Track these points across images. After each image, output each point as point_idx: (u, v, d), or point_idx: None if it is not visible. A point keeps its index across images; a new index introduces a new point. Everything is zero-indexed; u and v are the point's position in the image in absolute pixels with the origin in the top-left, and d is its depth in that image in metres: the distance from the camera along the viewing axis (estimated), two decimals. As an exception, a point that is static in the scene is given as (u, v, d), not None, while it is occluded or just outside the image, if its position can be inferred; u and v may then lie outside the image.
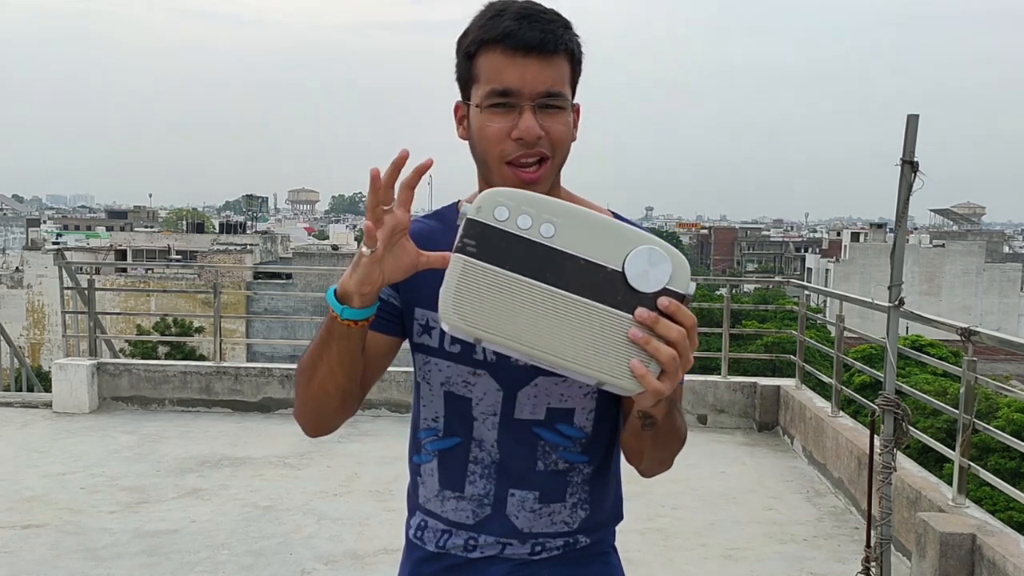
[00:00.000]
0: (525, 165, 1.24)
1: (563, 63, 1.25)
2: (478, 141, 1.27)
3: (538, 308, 1.07)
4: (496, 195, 1.09)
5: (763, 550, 4.46)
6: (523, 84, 1.22)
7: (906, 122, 2.96)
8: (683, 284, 1.07)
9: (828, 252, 67.22)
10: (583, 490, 1.36)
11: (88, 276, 8.31)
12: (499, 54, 1.23)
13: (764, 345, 21.42)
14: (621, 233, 1.08)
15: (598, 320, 1.06)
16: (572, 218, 1.08)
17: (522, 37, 1.21)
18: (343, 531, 4.58)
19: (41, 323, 38.55)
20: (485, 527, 1.34)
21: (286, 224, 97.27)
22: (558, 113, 1.25)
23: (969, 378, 3.98)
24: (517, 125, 1.23)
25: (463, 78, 1.29)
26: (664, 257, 1.07)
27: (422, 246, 1.29)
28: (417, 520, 1.42)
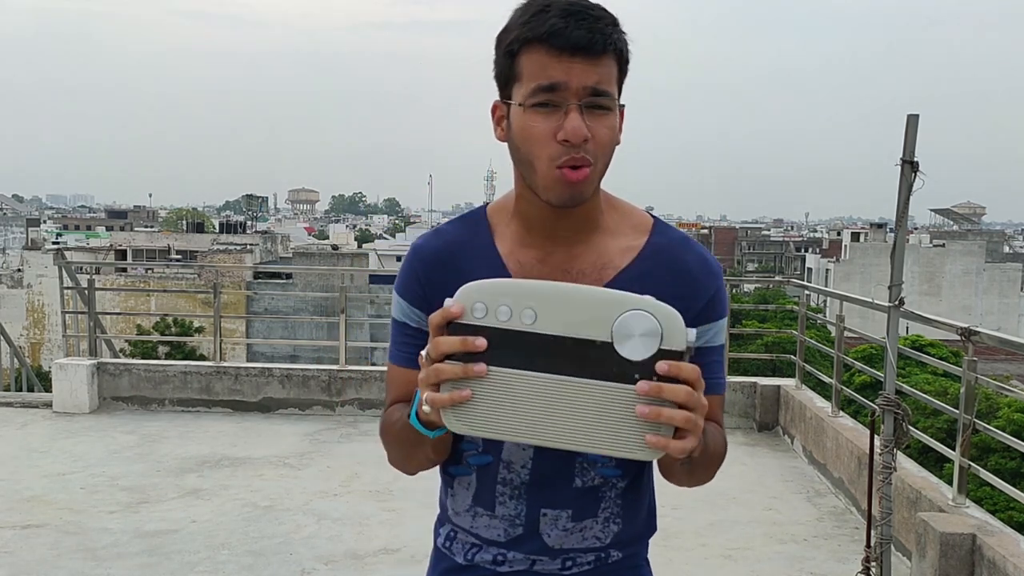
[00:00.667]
0: (573, 168, 1.18)
1: (611, 63, 1.18)
2: (521, 142, 1.20)
3: (537, 397, 1.05)
4: (470, 293, 1.06)
5: (763, 550, 4.46)
6: (569, 80, 1.15)
7: (906, 122, 2.96)
8: (678, 340, 1.03)
9: (828, 252, 67.24)
10: (616, 504, 1.32)
11: (88, 276, 8.32)
12: (544, 52, 1.16)
13: (764, 345, 21.44)
14: (603, 302, 1.04)
15: (600, 397, 1.04)
16: (551, 298, 1.05)
17: (569, 36, 1.15)
18: (343, 531, 4.58)
19: (41, 323, 38.54)
20: (516, 545, 1.32)
21: (286, 224, 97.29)
22: (604, 115, 1.18)
23: (969, 378, 3.98)
24: (563, 126, 1.16)
25: (503, 76, 1.22)
26: (649, 319, 1.02)
27: (448, 262, 1.29)
28: (447, 530, 1.39)
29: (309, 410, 7.17)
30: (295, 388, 7.22)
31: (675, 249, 1.29)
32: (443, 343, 1.05)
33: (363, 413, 7.11)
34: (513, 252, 1.28)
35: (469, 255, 1.29)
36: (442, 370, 1.05)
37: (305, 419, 6.99)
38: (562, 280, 1.24)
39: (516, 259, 1.28)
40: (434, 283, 1.28)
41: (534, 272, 1.27)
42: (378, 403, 7.10)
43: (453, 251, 1.30)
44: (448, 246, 1.31)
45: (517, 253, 1.28)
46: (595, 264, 1.27)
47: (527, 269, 1.27)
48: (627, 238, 1.29)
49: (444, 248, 1.31)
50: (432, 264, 1.30)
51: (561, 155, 1.17)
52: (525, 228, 1.28)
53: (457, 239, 1.31)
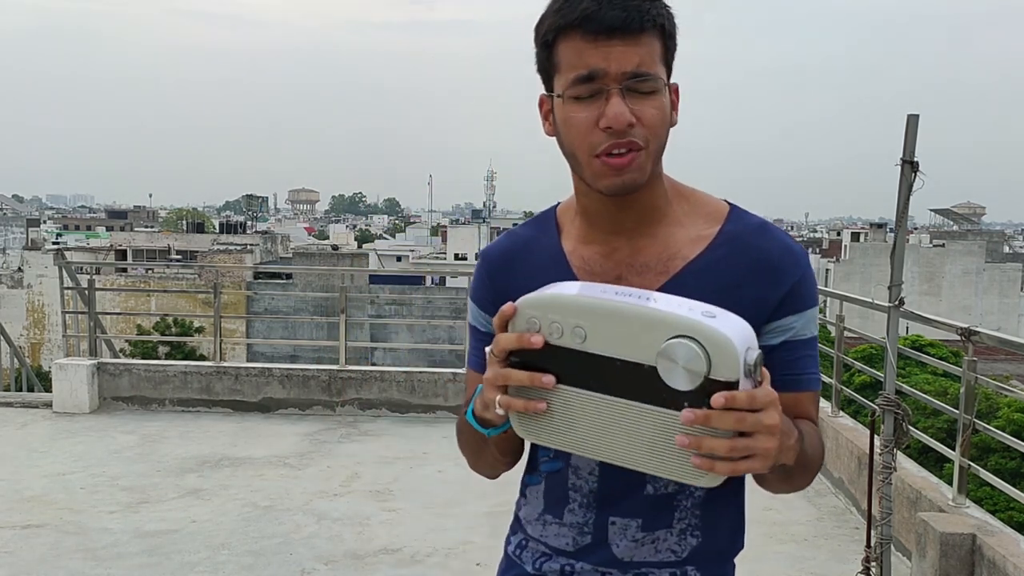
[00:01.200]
0: (616, 155, 1.12)
1: (653, 40, 1.12)
2: (565, 135, 1.16)
3: (592, 415, 1.04)
4: (524, 309, 1.05)
5: (763, 550, 4.46)
6: (608, 64, 1.09)
7: (906, 122, 2.96)
8: (729, 369, 0.95)
9: (828, 252, 67.22)
10: (694, 515, 1.25)
11: (88, 276, 8.31)
12: (579, 39, 1.11)
13: (764, 345, 21.40)
14: (651, 324, 0.99)
15: (650, 421, 1.01)
16: (601, 317, 1.02)
17: (603, 18, 1.09)
18: (343, 531, 4.58)
19: (41, 323, 38.54)
20: (584, 555, 1.28)
21: (286, 224, 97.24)
22: (651, 97, 1.12)
23: (969, 378, 3.98)
24: (604, 112, 1.10)
25: (544, 69, 1.18)
26: (693, 349, 0.96)
27: (514, 263, 1.28)
28: (519, 538, 1.37)
29: (309, 410, 7.17)
30: (295, 388, 7.23)
31: (752, 236, 1.21)
32: (503, 339, 1.05)
33: (363, 413, 7.11)
34: (576, 249, 1.25)
35: (536, 254, 1.28)
36: (509, 375, 1.05)
37: (305, 419, 6.99)
38: (627, 275, 1.21)
39: (579, 255, 1.25)
40: (500, 283, 1.28)
41: (597, 268, 1.23)
42: (378, 403, 7.13)
43: (520, 252, 1.29)
44: (515, 247, 1.30)
45: (580, 249, 1.25)
46: (661, 256, 1.21)
47: (590, 265, 1.24)
48: (698, 227, 1.23)
49: (511, 249, 1.30)
50: (499, 266, 1.29)
51: (602, 143, 1.12)
52: (588, 223, 1.25)
53: (525, 240, 1.30)
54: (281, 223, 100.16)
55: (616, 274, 1.22)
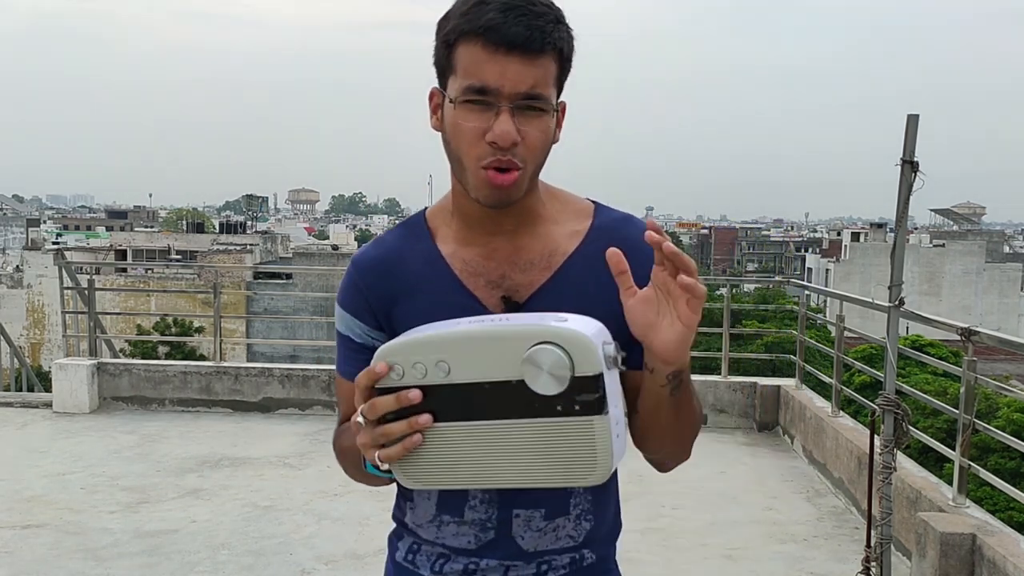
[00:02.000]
0: (500, 169, 1.15)
1: (550, 62, 1.14)
2: (452, 137, 1.18)
3: (474, 445, 1.06)
4: (385, 357, 1.07)
5: (763, 550, 4.46)
6: (503, 83, 1.12)
7: (906, 122, 2.96)
8: (591, 364, 1.00)
9: (828, 252, 67.24)
10: (586, 500, 1.29)
11: (88, 276, 8.31)
12: (479, 48, 1.12)
13: (764, 345, 21.43)
14: (509, 339, 1.03)
15: (531, 434, 1.04)
16: (460, 345, 1.04)
17: (505, 32, 1.10)
18: (343, 531, 4.58)
19: (41, 323, 38.54)
20: (488, 551, 1.27)
21: (286, 224, 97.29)
22: (538, 116, 1.15)
23: (969, 378, 3.98)
24: (492, 127, 1.13)
25: (440, 66, 1.19)
26: (553, 352, 1.00)
27: (390, 270, 1.27)
28: (408, 543, 1.35)
29: (309, 410, 7.17)
30: (295, 388, 7.23)
31: (620, 227, 1.28)
32: (379, 403, 1.06)
33: (363, 413, 7.11)
34: (456, 252, 1.26)
35: (411, 260, 1.27)
36: (389, 431, 1.06)
37: (305, 419, 6.99)
38: (511, 273, 1.24)
39: (460, 258, 1.26)
40: (376, 293, 1.27)
41: (480, 268, 1.25)
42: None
43: (393, 259, 1.28)
44: (388, 254, 1.29)
45: (460, 252, 1.26)
46: (543, 252, 1.25)
47: (472, 266, 1.25)
48: (571, 224, 1.28)
49: (384, 256, 1.29)
50: (373, 274, 1.28)
51: (487, 156, 1.14)
52: (466, 226, 1.26)
53: (397, 246, 1.29)
54: (281, 223, 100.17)
55: (500, 273, 1.24)
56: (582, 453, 1.03)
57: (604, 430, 1.02)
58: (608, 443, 1.03)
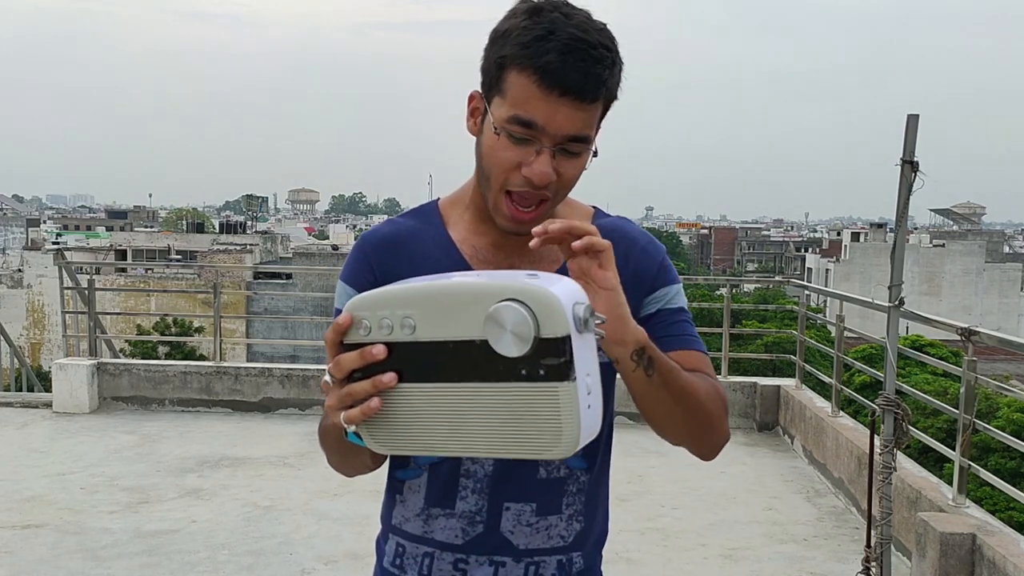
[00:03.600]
0: (525, 204, 1.17)
1: (598, 107, 1.15)
2: (487, 156, 1.19)
3: (439, 408, 0.98)
4: (353, 310, 1.00)
5: (763, 550, 4.46)
6: (549, 123, 1.12)
7: (906, 122, 2.96)
8: (558, 325, 0.91)
9: (828, 252, 67.22)
10: (579, 500, 1.28)
11: (88, 276, 8.31)
12: (533, 83, 1.11)
13: (764, 345, 21.42)
14: (474, 295, 0.94)
15: (494, 399, 0.96)
16: (427, 301, 0.97)
17: (563, 77, 1.10)
18: (343, 531, 4.58)
19: (41, 323, 38.54)
20: (476, 547, 1.26)
21: (286, 224, 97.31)
22: (575, 159, 1.16)
23: (969, 378, 3.98)
24: (531, 165, 1.14)
25: (488, 78, 1.18)
26: (517, 310, 0.92)
27: (399, 248, 1.27)
28: (392, 546, 1.32)
29: (309, 410, 7.17)
30: (295, 388, 7.22)
31: (619, 227, 1.32)
32: (344, 360, 0.99)
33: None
34: (467, 238, 1.27)
35: (421, 242, 1.28)
36: (353, 390, 1.00)
37: (305, 419, 6.99)
38: (519, 263, 1.25)
39: (470, 244, 1.27)
40: (385, 268, 1.25)
41: (490, 256, 1.26)
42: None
43: (404, 238, 1.28)
44: (399, 233, 1.29)
45: (471, 239, 1.27)
46: (550, 248, 1.24)
47: (482, 254, 1.27)
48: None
49: (395, 234, 1.29)
50: (383, 250, 1.28)
51: (517, 185, 1.16)
52: (479, 218, 1.27)
53: (409, 228, 1.30)
54: (281, 223, 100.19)
55: (509, 263, 1.26)
56: (547, 423, 0.94)
57: (570, 398, 0.93)
58: (575, 413, 0.93)
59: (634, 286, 1.23)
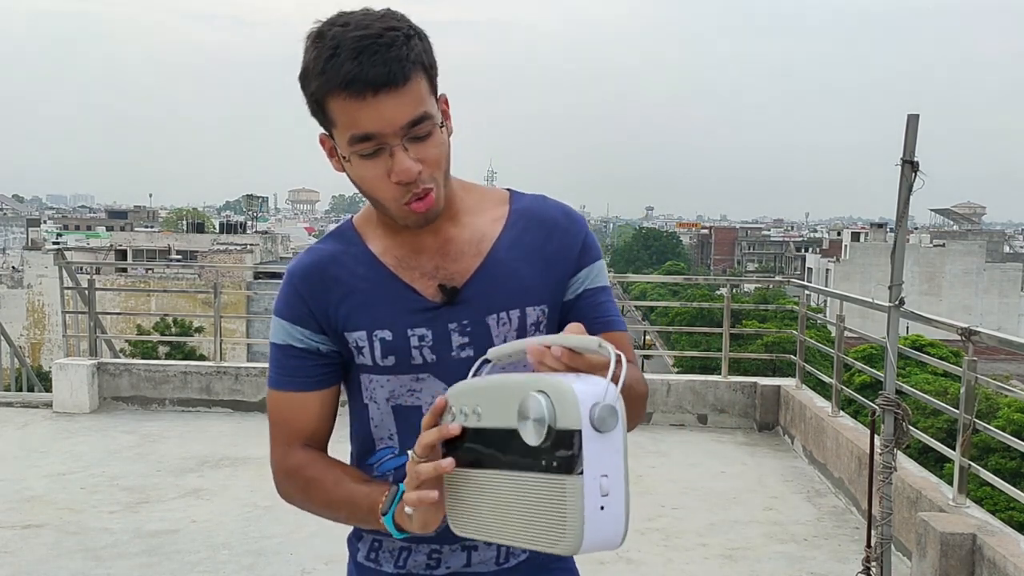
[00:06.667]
0: (416, 199, 1.20)
1: (418, 82, 1.15)
2: (361, 185, 1.22)
3: (487, 494, 1.05)
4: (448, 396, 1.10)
5: (763, 550, 4.46)
6: (383, 125, 1.14)
7: (906, 122, 2.96)
8: (572, 419, 0.94)
9: (828, 252, 67.22)
10: None
11: (88, 276, 8.31)
12: (348, 100, 1.13)
13: (764, 345, 21.42)
14: (520, 387, 0.99)
15: (519, 488, 1.00)
16: (493, 392, 1.04)
17: (366, 78, 1.11)
18: (343, 531, 4.56)
19: (41, 323, 38.55)
20: (449, 535, 1.25)
21: (286, 224, 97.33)
22: (429, 138, 1.17)
23: (969, 378, 3.98)
24: (393, 168, 1.16)
25: (318, 118, 1.21)
26: (539, 402, 0.96)
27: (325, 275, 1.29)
28: (368, 542, 1.37)
29: (309, 410, 7.16)
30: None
31: (536, 206, 1.34)
32: (424, 436, 1.07)
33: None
34: (388, 250, 1.30)
35: (345, 263, 1.30)
36: (419, 470, 1.06)
37: (305, 419, 6.98)
38: (444, 263, 1.27)
39: (392, 255, 1.29)
40: (316, 298, 1.28)
41: (412, 263, 1.28)
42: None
43: (327, 263, 1.30)
44: (322, 260, 1.30)
45: (391, 250, 1.29)
46: (471, 240, 1.29)
47: (404, 261, 1.29)
48: (490, 212, 1.32)
49: (318, 262, 1.31)
50: (310, 279, 1.29)
51: (403, 195, 1.19)
52: (393, 229, 1.29)
53: (330, 251, 1.32)
54: (281, 223, 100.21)
55: (433, 264, 1.28)
56: (554, 516, 0.96)
57: (575, 493, 0.94)
58: (578, 510, 0.94)
59: (558, 265, 1.30)
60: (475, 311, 1.27)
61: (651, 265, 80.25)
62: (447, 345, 1.27)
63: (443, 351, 1.27)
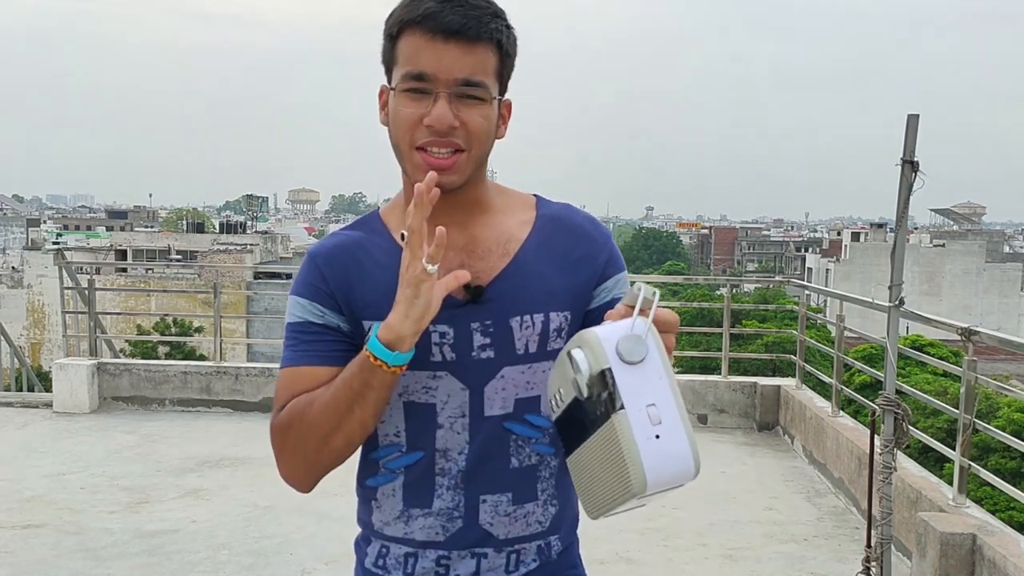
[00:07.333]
0: (437, 153, 1.19)
1: (488, 52, 1.18)
2: (392, 126, 1.22)
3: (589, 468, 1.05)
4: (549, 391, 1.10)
5: (763, 550, 4.46)
6: (439, 69, 1.16)
7: (906, 122, 2.96)
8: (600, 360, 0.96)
9: (828, 252, 67.22)
10: (551, 485, 1.31)
11: (88, 276, 8.31)
12: (418, 36, 1.17)
13: (764, 345, 21.41)
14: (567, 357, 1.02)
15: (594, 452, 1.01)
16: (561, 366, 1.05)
17: (442, 20, 1.15)
18: (344, 531, 4.57)
19: (41, 323, 38.53)
20: (457, 541, 1.27)
21: (286, 224, 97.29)
22: (477, 104, 1.18)
23: (969, 378, 3.98)
24: (430, 112, 1.17)
25: (385, 61, 1.24)
26: (574, 357, 0.99)
27: (348, 259, 1.27)
28: (376, 548, 1.33)
29: (309, 410, 7.16)
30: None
31: (564, 215, 1.34)
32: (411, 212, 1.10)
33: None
34: None
35: (371, 252, 1.28)
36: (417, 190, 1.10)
37: (305, 419, 6.99)
38: (469, 261, 1.26)
39: None
40: (338, 279, 1.27)
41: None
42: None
43: (354, 250, 1.29)
44: (345, 244, 1.29)
45: None
46: (498, 240, 1.28)
47: None
48: (519, 215, 1.32)
49: (343, 246, 1.29)
50: (333, 262, 1.28)
51: (423, 137, 1.18)
52: None
53: (356, 240, 1.30)
54: (281, 223, 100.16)
55: (459, 261, 1.26)
56: (618, 460, 0.95)
57: (623, 428, 0.93)
58: (632, 443, 0.93)
59: (583, 273, 1.30)
60: (499, 312, 1.25)
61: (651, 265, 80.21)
62: (468, 344, 1.25)
63: (463, 350, 1.24)
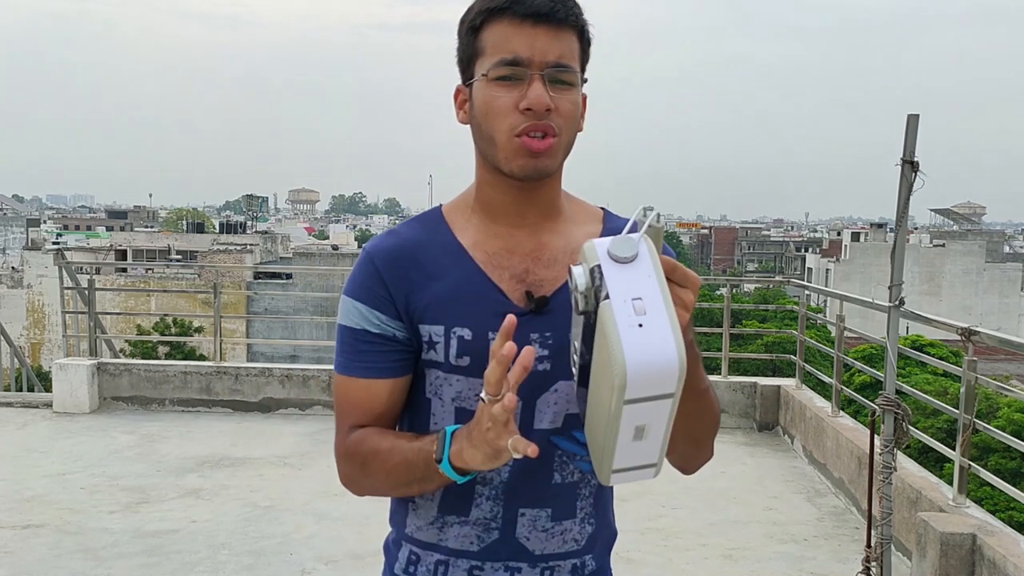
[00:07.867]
0: (535, 136, 1.16)
1: (572, 37, 1.18)
2: (483, 116, 1.18)
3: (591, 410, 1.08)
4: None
5: (763, 550, 4.46)
6: (532, 52, 1.15)
7: (906, 122, 2.96)
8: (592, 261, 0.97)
9: (828, 252, 67.20)
10: (590, 504, 1.28)
11: (88, 276, 8.31)
12: (507, 23, 1.15)
13: (764, 345, 21.43)
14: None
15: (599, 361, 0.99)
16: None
17: (531, 4, 1.15)
18: (344, 531, 4.58)
19: (41, 323, 38.53)
20: (491, 553, 1.25)
21: (286, 224, 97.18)
22: (567, 90, 1.17)
23: (969, 378, 3.98)
24: (526, 95, 1.14)
25: (466, 56, 1.20)
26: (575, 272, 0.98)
27: (409, 260, 1.23)
28: (406, 553, 1.31)
29: (309, 410, 7.17)
30: (295, 388, 7.22)
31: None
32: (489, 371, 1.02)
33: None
34: (478, 243, 1.24)
35: (430, 251, 1.24)
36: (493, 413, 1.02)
37: (305, 419, 6.99)
38: (534, 267, 1.24)
39: (482, 250, 1.24)
40: (398, 282, 1.22)
41: (504, 261, 1.23)
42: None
43: (412, 248, 1.24)
44: (406, 244, 1.25)
45: (483, 244, 1.24)
46: (564, 249, 1.25)
47: (495, 259, 1.23)
48: (587, 225, 1.29)
49: (401, 246, 1.25)
50: (392, 262, 1.23)
51: (522, 123, 1.15)
52: (489, 218, 1.25)
53: (414, 238, 1.26)
54: (281, 223, 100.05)
55: (523, 267, 1.23)
56: (603, 355, 0.94)
57: (607, 318, 0.92)
58: (614, 331, 0.91)
59: None
60: (560, 324, 1.19)
61: (651, 265, 79.80)
62: None
63: None
